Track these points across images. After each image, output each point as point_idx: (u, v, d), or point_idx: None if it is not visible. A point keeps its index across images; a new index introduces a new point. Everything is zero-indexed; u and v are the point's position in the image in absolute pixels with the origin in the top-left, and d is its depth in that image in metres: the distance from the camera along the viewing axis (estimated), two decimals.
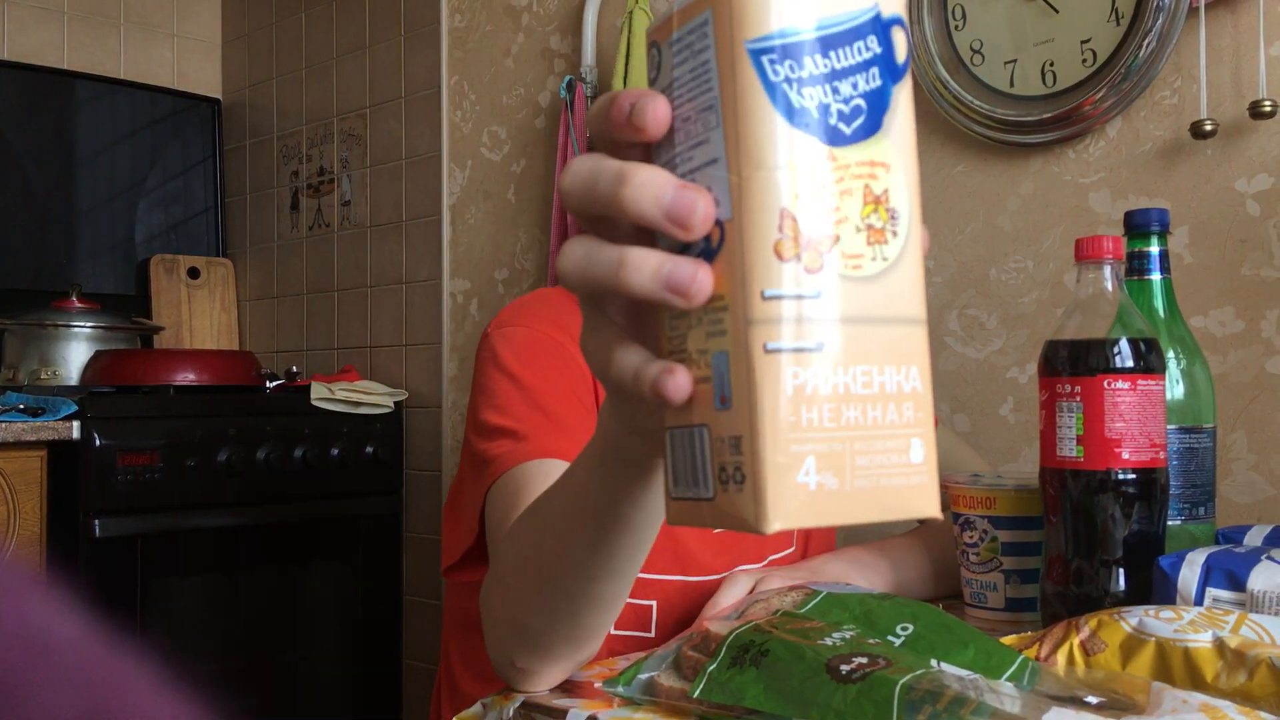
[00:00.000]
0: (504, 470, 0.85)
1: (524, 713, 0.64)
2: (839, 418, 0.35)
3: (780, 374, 0.35)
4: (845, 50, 0.36)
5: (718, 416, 0.37)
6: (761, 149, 0.35)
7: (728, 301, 0.36)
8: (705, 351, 0.37)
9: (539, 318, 0.97)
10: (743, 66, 0.35)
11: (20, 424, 1.77)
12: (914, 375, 0.37)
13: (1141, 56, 1.29)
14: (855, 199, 0.36)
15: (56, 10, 2.55)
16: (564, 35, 2.03)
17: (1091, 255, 0.81)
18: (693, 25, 0.37)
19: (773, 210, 0.35)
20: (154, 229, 2.68)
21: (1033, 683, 0.59)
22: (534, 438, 0.86)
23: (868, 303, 0.36)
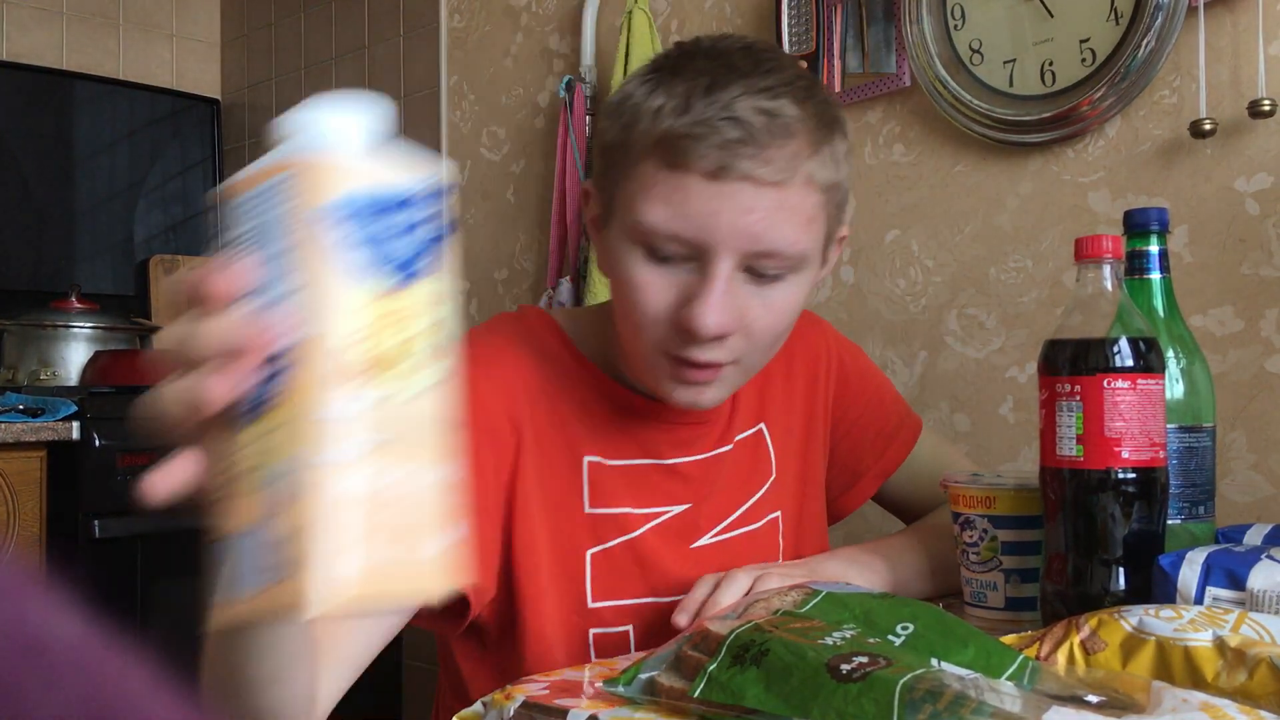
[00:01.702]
0: None
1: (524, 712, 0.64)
2: (375, 518, 0.42)
3: (324, 483, 0.41)
4: (400, 213, 0.45)
5: (269, 522, 0.43)
6: (321, 293, 0.42)
7: (285, 419, 0.43)
8: (261, 465, 0.44)
9: (474, 364, 0.90)
10: (313, 223, 0.42)
11: (20, 424, 1.77)
12: (442, 474, 0.45)
13: (1140, 56, 1.29)
14: (397, 335, 0.44)
15: (56, 11, 2.55)
16: (563, 35, 2.03)
17: (1091, 254, 0.81)
18: (271, 184, 0.44)
19: (328, 343, 0.42)
20: (153, 229, 2.67)
21: (1033, 682, 0.59)
22: None
23: (404, 421, 0.43)
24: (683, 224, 0.77)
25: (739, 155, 0.75)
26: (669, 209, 0.77)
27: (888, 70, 1.56)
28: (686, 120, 0.75)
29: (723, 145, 0.75)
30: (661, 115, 0.77)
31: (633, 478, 0.92)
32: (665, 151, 0.77)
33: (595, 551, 0.91)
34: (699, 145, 0.75)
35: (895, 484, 1.11)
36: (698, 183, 0.76)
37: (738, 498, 0.98)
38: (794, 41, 1.63)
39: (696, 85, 0.76)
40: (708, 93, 0.76)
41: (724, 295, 0.78)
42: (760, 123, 0.75)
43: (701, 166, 0.76)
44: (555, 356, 0.92)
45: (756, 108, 0.76)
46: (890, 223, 1.58)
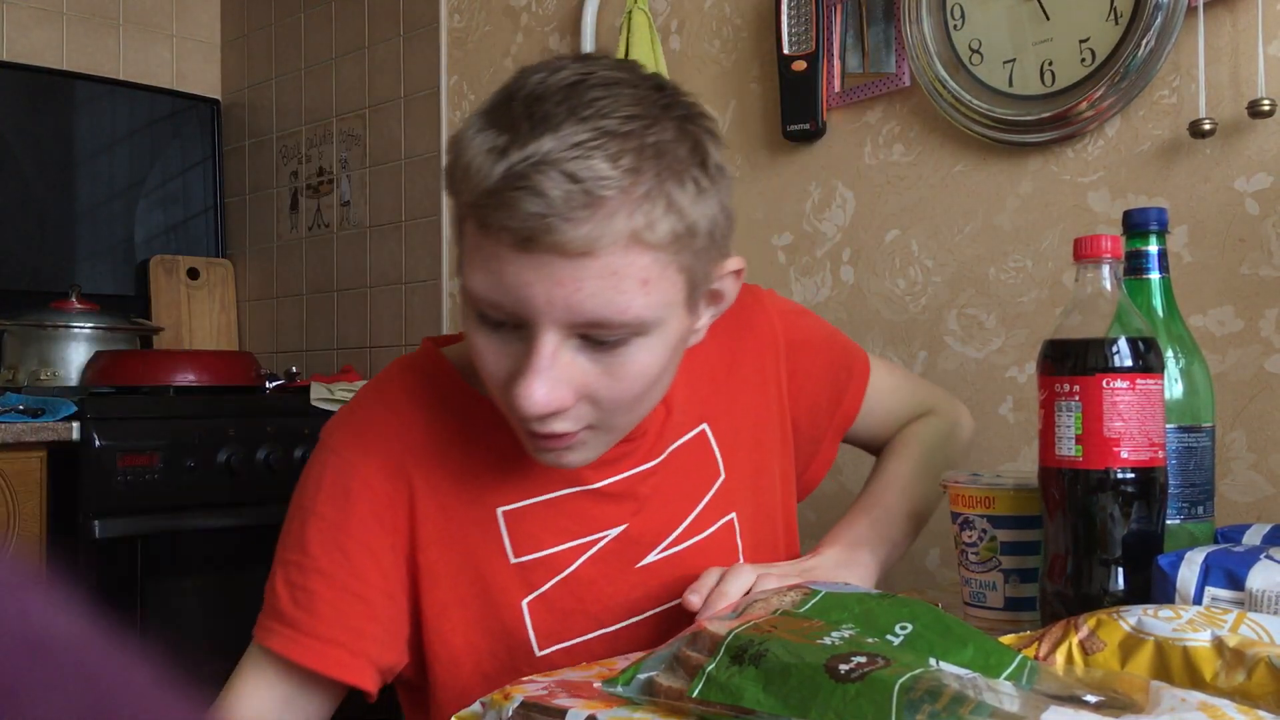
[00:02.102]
0: (268, 646, 0.82)
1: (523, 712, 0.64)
2: None
3: None
4: None
5: None
6: None
7: None
8: None
9: (357, 434, 0.86)
10: None
11: (20, 425, 1.77)
12: None
13: (1140, 56, 1.29)
14: None
15: (56, 11, 2.55)
16: (563, 35, 2.03)
17: (1090, 254, 0.81)
18: None
19: None
20: (153, 229, 2.68)
21: (1032, 682, 0.59)
22: (302, 640, 0.81)
23: None
24: (501, 294, 0.71)
25: (541, 227, 0.68)
26: (488, 277, 0.72)
27: (887, 70, 1.56)
28: (491, 186, 0.68)
29: (525, 216, 0.68)
30: (472, 176, 0.70)
31: (557, 511, 0.87)
32: (477, 216, 0.71)
33: (531, 600, 0.86)
34: (500, 215, 0.68)
35: (854, 430, 1.07)
36: (508, 252, 0.70)
37: (682, 508, 0.92)
38: (793, 42, 1.63)
39: (502, 144, 0.69)
40: (505, 155, 0.68)
41: (549, 370, 0.72)
42: (560, 193, 0.67)
43: (506, 238, 0.69)
44: (452, 402, 0.87)
45: (562, 173, 0.67)
46: (890, 223, 1.58)
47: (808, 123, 1.62)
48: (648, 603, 0.90)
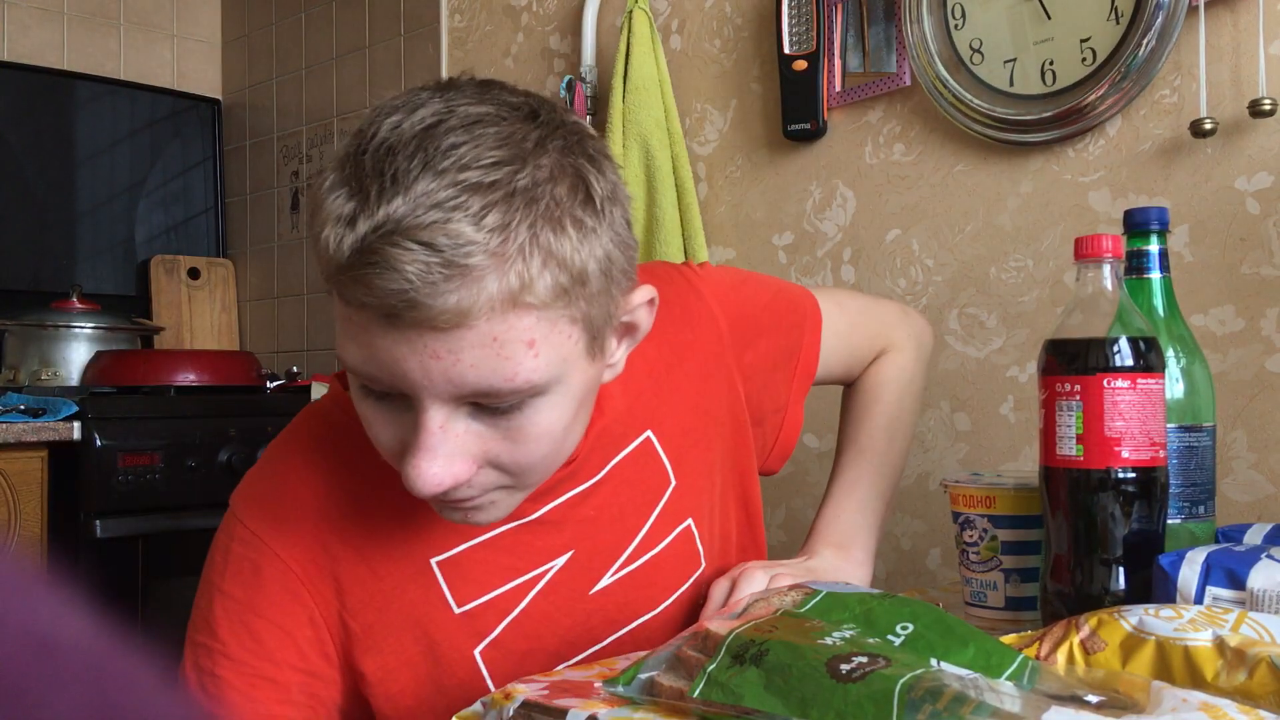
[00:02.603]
0: None
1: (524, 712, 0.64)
2: None
3: None
4: None
5: None
6: None
7: None
8: None
9: (263, 503, 0.81)
10: None
11: (21, 425, 1.77)
12: None
13: (1141, 55, 1.29)
14: None
15: (56, 11, 2.55)
16: (564, 35, 2.03)
17: (1091, 254, 0.81)
18: None
19: None
20: (154, 229, 2.68)
21: (1033, 682, 0.59)
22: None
23: None
24: (375, 367, 0.65)
25: (403, 304, 0.60)
26: (360, 350, 0.65)
27: (888, 70, 1.56)
28: (344, 262, 0.61)
29: (383, 294, 0.60)
30: (326, 248, 0.62)
31: (496, 550, 0.81)
32: (337, 289, 0.64)
33: (483, 648, 0.81)
34: (357, 291, 0.61)
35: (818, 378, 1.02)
36: (376, 325, 0.63)
37: (632, 524, 0.87)
38: (794, 41, 1.63)
39: (349, 212, 0.61)
40: (353, 226, 0.60)
41: (440, 446, 0.66)
42: (417, 268, 0.59)
43: (370, 313, 0.62)
44: (366, 455, 0.77)
45: (418, 243, 0.59)
46: (891, 222, 1.58)
47: (808, 122, 1.62)
48: (607, 628, 0.85)
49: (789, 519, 1.69)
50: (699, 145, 1.81)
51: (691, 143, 1.82)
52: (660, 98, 1.77)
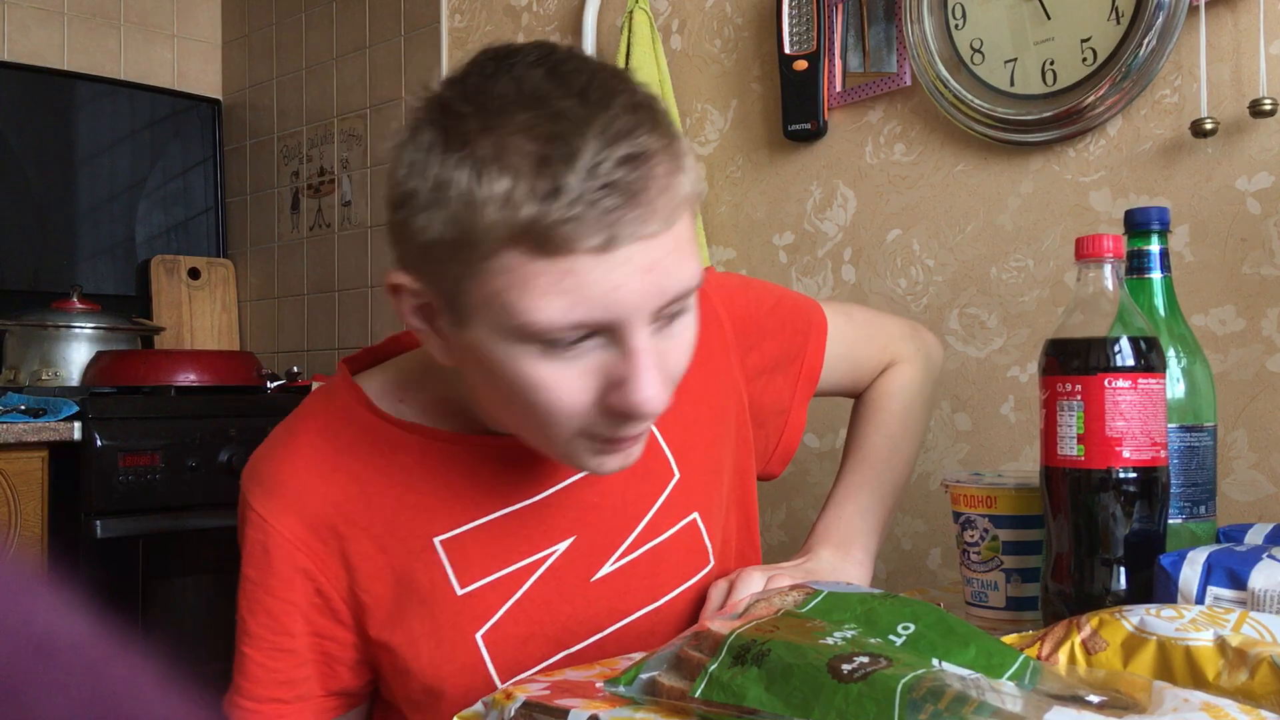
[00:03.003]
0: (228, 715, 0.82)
1: (525, 712, 0.64)
2: None
3: None
4: None
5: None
6: None
7: None
8: None
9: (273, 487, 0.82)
10: None
11: (21, 425, 1.77)
12: None
13: (1142, 55, 1.29)
14: None
15: (57, 11, 2.55)
16: (564, 35, 2.03)
17: (1092, 254, 0.81)
18: None
19: None
20: (154, 230, 2.68)
21: (1034, 682, 0.59)
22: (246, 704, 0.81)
23: None
24: (585, 310, 0.66)
25: (624, 221, 0.64)
26: (564, 299, 0.66)
27: (888, 70, 1.56)
28: (557, 204, 0.63)
29: (605, 216, 0.64)
30: (514, 203, 0.64)
31: (499, 532, 0.83)
32: (536, 241, 0.65)
33: (484, 632, 0.82)
34: (579, 226, 0.64)
35: (822, 385, 1.03)
36: (587, 262, 0.65)
37: (634, 513, 0.88)
38: (795, 41, 1.63)
39: (549, 153, 0.64)
40: (566, 162, 0.63)
41: (654, 366, 0.69)
42: (634, 178, 0.64)
43: (586, 246, 0.64)
44: (373, 436, 0.82)
45: (622, 159, 0.64)
46: (891, 222, 1.58)
47: (809, 122, 1.62)
48: (609, 617, 0.86)
49: (789, 519, 1.69)
50: (699, 145, 1.81)
51: (692, 142, 1.82)
52: (660, 97, 1.77)
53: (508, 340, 0.68)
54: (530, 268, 0.65)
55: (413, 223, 0.68)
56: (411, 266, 0.71)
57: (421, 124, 0.70)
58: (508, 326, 0.67)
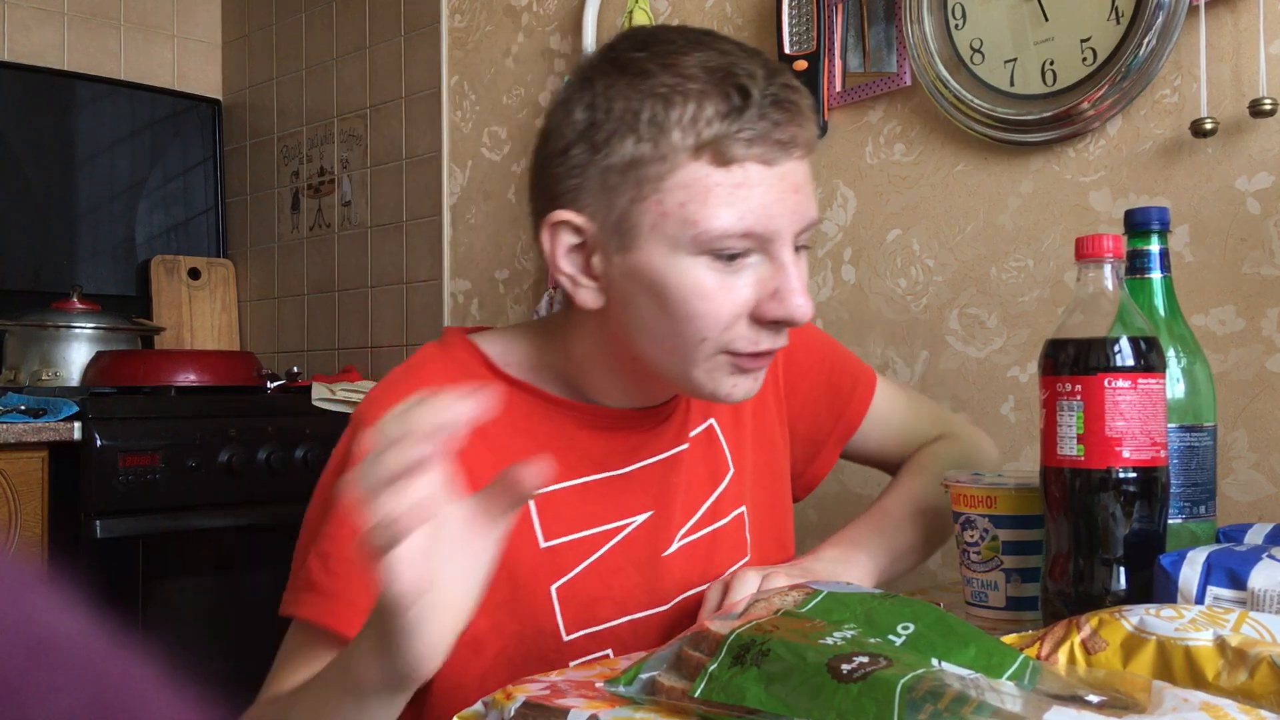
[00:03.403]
0: (307, 619, 0.84)
1: (525, 712, 0.64)
2: None
3: None
4: None
5: None
6: None
7: None
8: None
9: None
10: None
11: (21, 425, 1.77)
12: None
13: (1141, 55, 1.29)
14: None
15: (57, 11, 2.55)
16: (564, 35, 2.03)
17: (1092, 254, 0.81)
18: None
19: None
20: (154, 230, 2.68)
21: (1034, 682, 0.59)
22: (339, 611, 0.81)
23: None
24: (752, 219, 0.77)
25: (786, 137, 0.77)
26: (735, 209, 0.77)
27: (888, 70, 1.56)
28: (737, 120, 0.76)
29: (773, 130, 0.77)
30: (700, 121, 0.76)
31: (587, 495, 0.88)
32: (716, 154, 0.76)
33: (560, 585, 0.87)
34: (754, 138, 0.76)
35: (862, 441, 1.08)
36: (756, 173, 0.77)
37: (699, 496, 0.95)
38: (795, 41, 1.63)
39: (727, 82, 0.76)
40: (741, 86, 0.76)
41: (801, 279, 0.80)
42: (794, 99, 0.78)
43: (757, 156, 0.77)
44: (481, 383, 0.87)
45: (783, 85, 0.78)
46: (891, 222, 1.58)
47: None
48: (671, 591, 0.91)
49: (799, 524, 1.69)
50: None
51: None
52: None
53: (680, 253, 0.78)
54: (710, 179, 0.77)
55: (592, 156, 0.79)
56: (579, 202, 0.80)
57: (592, 75, 0.80)
58: (684, 238, 0.78)
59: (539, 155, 0.84)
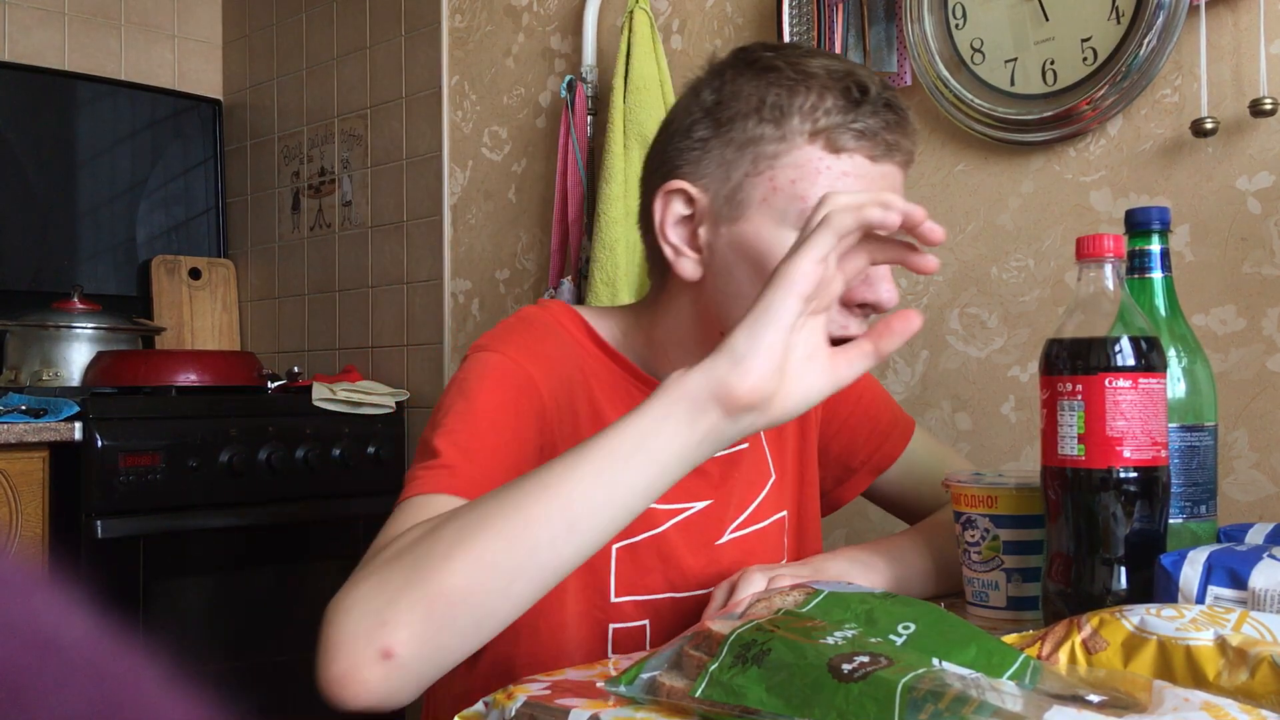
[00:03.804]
0: (423, 492, 0.80)
1: (526, 712, 0.64)
2: None
3: None
4: None
5: None
6: None
7: None
8: None
9: (519, 346, 0.91)
10: None
11: (22, 425, 1.77)
12: None
13: (1142, 55, 1.29)
14: None
15: (57, 12, 2.55)
16: (564, 35, 2.03)
17: (1092, 254, 0.81)
18: None
19: None
20: (155, 230, 2.68)
21: (1034, 681, 0.59)
22: (462, 473, 0.80)
23: None
24: None
25: (892, 140, 0.85)
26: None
27: (889, 70, 1.56)
28: (852, 114, 0.84)
29: (883, 130, 0.84)
30: (822, 110, 0.84)
31: None
32: (829, 141, 0.84)
33: (620, 546, 0.91)
34: (865, 132, 0.84)
35: (892, 482, 1.12)
36: (862, 165, 0.84)
37: (748, 495, 1.00)
38: (795, 41, 1.63)
39: (848, 81, 0.84)
40: (860, 87, 0.84)
41: (889, 270, 0.86)
42: (903, 110, 0.86)
43: (864, 150, 0.84)
44: (582, 350, 0.94)
45: (895, 96, 0.86)
46: None
47: None
48: (715, 579, 0.94)
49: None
50: None
51: None
52: (661, 98, 1.77)
53: (784, 226, 0.84)
54: (821, 163, 0.84)
55: (715, 131, 0.87)
56: (697, 173, 0.88)
57: (722, 68, 0.89)
58: (790, 212, 0.84)
59: (662, 133, 0.92)
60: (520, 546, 0.64)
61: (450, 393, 0.87)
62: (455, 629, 0.63)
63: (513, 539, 0.64)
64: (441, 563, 0.63)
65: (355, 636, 0.61)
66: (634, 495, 0.66)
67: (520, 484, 0.66)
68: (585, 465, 0.65)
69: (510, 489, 0.66)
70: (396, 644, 0.61)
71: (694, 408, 0.65)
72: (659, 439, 0.65)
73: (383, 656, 0.61)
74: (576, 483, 0.65)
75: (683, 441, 0.65)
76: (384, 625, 0.61)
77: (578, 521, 0.64)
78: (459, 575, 0.63)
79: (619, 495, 0.65)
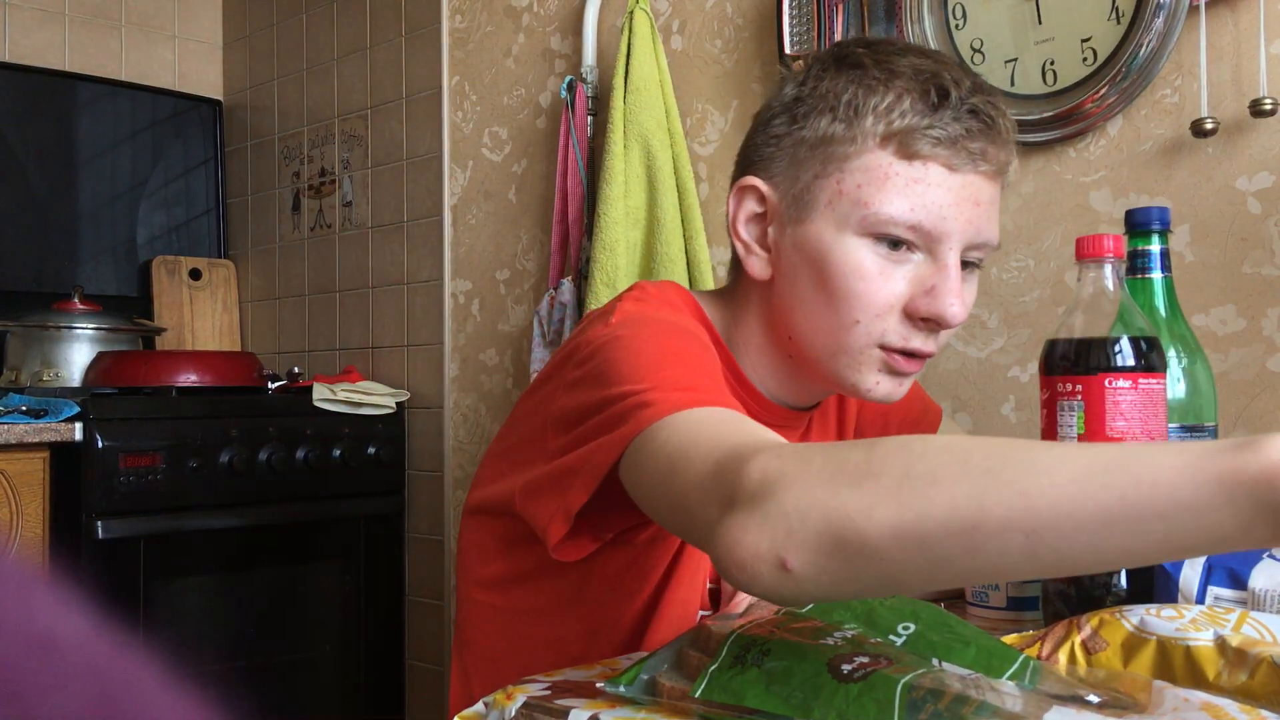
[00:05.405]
0: (665, 415, 0.67)
1: (526, 712, 0.64)
2: None
3: None
4: None
5: None
6: None
7: None
8: None
9: (664, 303, 0.87)
10: None
11: (22, 425, 1.77)
12: None
13: (1142, 55, 1.29)
14: None
15: (58, 12, 2.55)
16: (564, 36, 2.03)
17: (1092, 254, 0.81)
18: None
19: None
20: (155, 230, 2.68)
21: (1034, 682, 0.59)
22: (702, 390, 0.70)
23: None
24: (923, 215, 0.80)
25: (974, 149, 0.80)
26: (908, 200, 0.80)
27: None
28: (930, 119, 0.79)
29: (962, 138, 0.79)
30: (897, 112, 0.80)
31: None
32: (901, 146, 0.80)
33: None
34: (942, 139, 0.79)
35: None
36: (938, 174, 0.80)
37: None
38: (795, 41, 1.63)
39: (930, 83, 0.80)
40: (944, 90, 0.80)
41: (959, 286, 0.81)
42: (991, 116, 0.81)
43: (942, 158, 0.80)
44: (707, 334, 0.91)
45: (985, 101, 0.81)
46: None
47: None
48: None
49: None
50: (700, 146, 1.81)
51: (692, 143, 1.82)
52: (661, 98, 1.77)
53: (846, 232, 0.81)
54: (891, 168, 0.80)
55: (790, 128, 0.84)
56: (769, 170, 0.85)
57: (813, 62, 0.86)
58: (854, 218, 0.81)
59: (752, 126, 0.90)
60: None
61: (609, 358, 0.76)
62: (929, 557, 0.51)
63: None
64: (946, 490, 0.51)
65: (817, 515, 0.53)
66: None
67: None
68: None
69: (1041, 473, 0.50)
70: (869, 529, 0.51)
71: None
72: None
73: (840, 545, 0.52)
74: None
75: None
76: (850, 519, 0.52)
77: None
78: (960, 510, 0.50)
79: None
